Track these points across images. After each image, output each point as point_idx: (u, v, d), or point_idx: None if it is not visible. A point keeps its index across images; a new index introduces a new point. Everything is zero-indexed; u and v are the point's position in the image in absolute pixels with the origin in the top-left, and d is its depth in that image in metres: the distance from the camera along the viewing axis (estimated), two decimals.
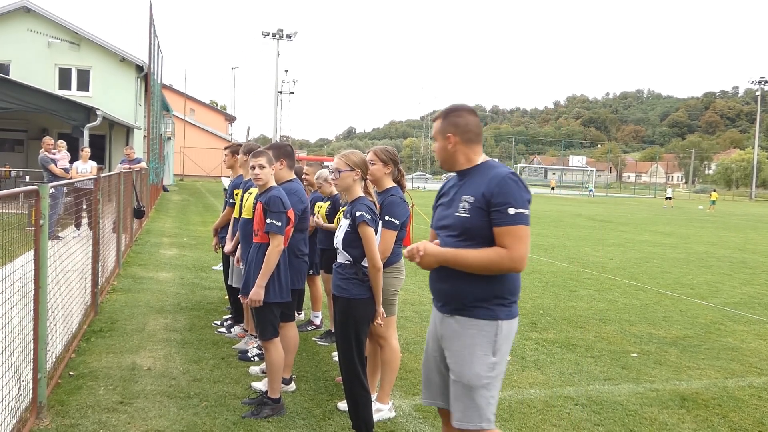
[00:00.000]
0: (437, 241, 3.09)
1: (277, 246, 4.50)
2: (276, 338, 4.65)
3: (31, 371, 4.26)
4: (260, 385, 5.14)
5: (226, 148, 6.91)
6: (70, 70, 26.73)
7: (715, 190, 58.66)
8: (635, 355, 6.67)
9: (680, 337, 7.48)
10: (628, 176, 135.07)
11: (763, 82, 74.44)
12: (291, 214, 4.63)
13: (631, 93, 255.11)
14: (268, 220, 4.51)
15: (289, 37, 55.41)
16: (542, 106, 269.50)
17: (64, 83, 26.40)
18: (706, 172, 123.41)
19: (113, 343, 6.17)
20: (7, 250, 4.12)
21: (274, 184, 4.75)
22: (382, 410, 4.62)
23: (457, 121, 3.08)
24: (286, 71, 61.99)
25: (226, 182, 9.84)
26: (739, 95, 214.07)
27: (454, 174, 3.22)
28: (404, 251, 3.13)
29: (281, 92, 59.43)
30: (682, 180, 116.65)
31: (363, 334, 4.07)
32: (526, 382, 5.68)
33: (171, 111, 42.41)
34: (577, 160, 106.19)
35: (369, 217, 3.98)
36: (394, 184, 4.72)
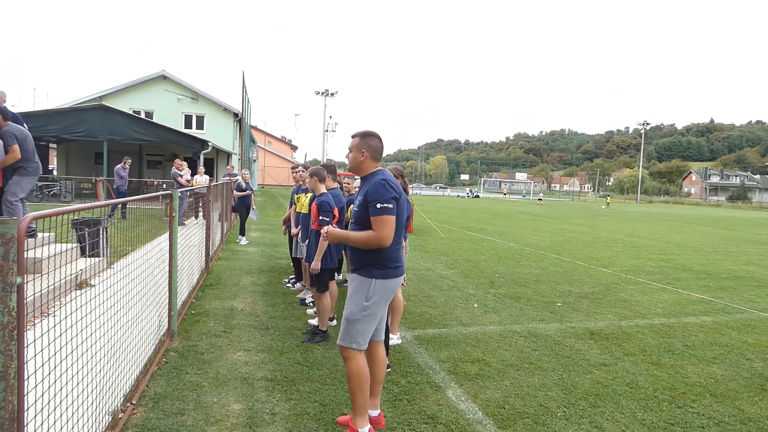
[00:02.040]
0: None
1: None
2: (327, 291, 4.65)
3: (167, 310, 4.30)
4: (313, 322, 5.14)
5: (292, 168, 6.90)
6: (191, 116, 26.83)
7: (609, 196, 58.14)
8: (560, 304, 6.60)
9: (589, 293, 7.38)
10: (555, 186, 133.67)
11: (645, 124, 73.46)
12: (336, 212, 4.62)
13: (557, 131, 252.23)
14: (321, 217, 4.50)
15: (332, 94, 55.27)
16: (498, 139, 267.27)
17: (188, 124, 26.51)
18: (607, 183, 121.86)
19: (219, 293, 6.19)
20: (152, 232, 4.16)
21: (325, 191, 4.74)
22: (392, 338, 4.61)
23: (370, 142, 3.03)
24: (330, 117, 61.87)
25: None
26: (629, 132, 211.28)
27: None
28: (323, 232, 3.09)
29: (327, 130, 59.26)
30: (590, 189, 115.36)
31: None
32: (487, 321, 5.64)
33: (255, 143, 42.51)
34: (520, 176, 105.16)
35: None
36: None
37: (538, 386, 3.87)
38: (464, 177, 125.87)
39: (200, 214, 11.04)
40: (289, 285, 6.79)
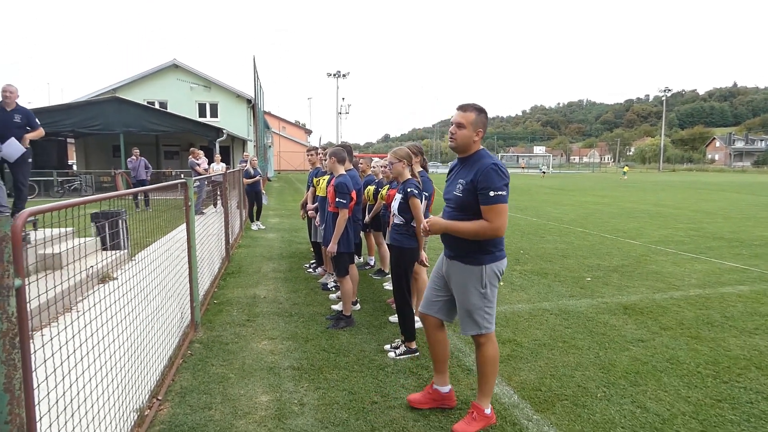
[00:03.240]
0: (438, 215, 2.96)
1: (343, 216, 4.35)
2: (347, 276, 4.52)
3: (189, 301, 4.22)
4: (337, 307, 5.04)
5: (307, 151, 6.72)
6: (205, 104, 26.79)
7: (626, 166, 57.52)
8: (589, 279, 6.38)
9: (619, 266, 7.13)
10: (574, 158, 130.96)
11: (667, 90, 71.10)
12: (354, 194, 4.46)
13: (575, 102, 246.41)
14: (337, 199, 4.35)
15: (344, 75, 54.61)
16: (514, 113, 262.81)
17: (202, 113, 26.51)
18: (628, 153, 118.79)
19: (241, 281, 6.12)
20: (172, 222, 4.07)
21: (343, 172, 4.57)
22: (418, 321, 4.47)
23: (485, 122, 2.82)
24: (343, 98, 61.20)
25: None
26: (649, 100, 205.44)
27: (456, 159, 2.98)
28: (423, 224, 2.89)
29: (340, 113, 58.79)
30: (610, 159, 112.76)
31: (410, 271, 3.89)
32: (515, 299, 5.46)
33: (270, 128, 42.47)
34: (538, 149, 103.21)
35: (416, 191, 3.79)
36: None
37: (575, 366, 3.70)
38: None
39: (218, 202, 11.03)
40: (311, 270, 6.70)
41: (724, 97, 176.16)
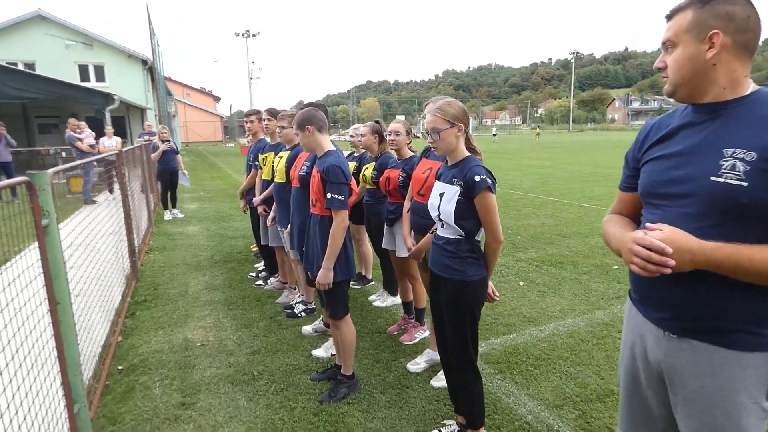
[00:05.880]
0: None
1: (341, 222, 2.57)
2: (347, 316, 2.80)
3: (65, 402, 2.25)
4: (321, 352, 3.34)
5: (246, 116, 4.69)
6: (87, 66, 22.48)
7: (538, 127, 60.86)
8: (616, 267, 5.18)
9: None
10: (486, 121, 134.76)
11: (576, 53, 74.05)
12: (353, 184, 2.70)
13: (485, 66, 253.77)
14: (329, 195, 2.56)
15: (254, 35, 49.99)
16: (427, 77, 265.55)
17: (84, 77, 22.24)
18: (535, 115, 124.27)
19: (160, 315, 4.07)
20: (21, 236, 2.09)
21: (332, 147, 2.77)
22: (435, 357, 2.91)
23: (733, 10, 1.18)
24: (253, 62, 56.48)
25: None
26: (552, 64, 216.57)
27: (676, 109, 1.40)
28: (636, 249, 1.14)
29: (251, 78, 54.27)
30: (520, 121, 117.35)
31: (478, 316, 2.26)
32: (555, 309, 4.08)
33: (173, 95, 37.78)
34: None
35: (490, 181, 2.13)
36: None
37: None
38: (400, 118, 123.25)
39: (115, 186, 8.58)
40: (260, 282, 4.84)
41: (618, 61, 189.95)
